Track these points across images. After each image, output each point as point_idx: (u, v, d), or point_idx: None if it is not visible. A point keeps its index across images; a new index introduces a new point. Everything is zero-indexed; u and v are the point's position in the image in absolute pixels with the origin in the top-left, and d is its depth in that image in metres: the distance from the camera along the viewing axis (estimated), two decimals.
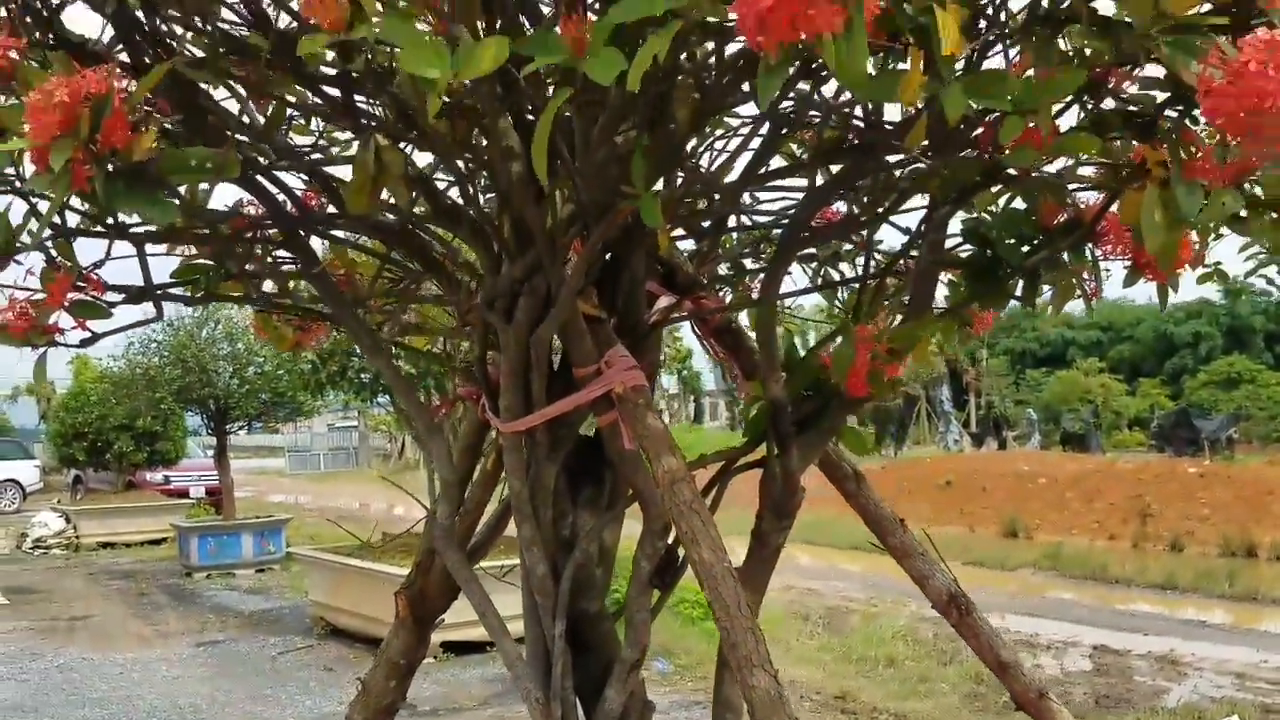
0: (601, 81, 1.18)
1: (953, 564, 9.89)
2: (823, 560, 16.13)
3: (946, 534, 16.82)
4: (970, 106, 1.20)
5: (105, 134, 1.22)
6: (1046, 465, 20.04)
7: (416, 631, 2.14)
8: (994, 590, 13.08)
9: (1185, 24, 1.19)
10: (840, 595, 12.97)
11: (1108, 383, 28.58)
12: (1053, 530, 16.41)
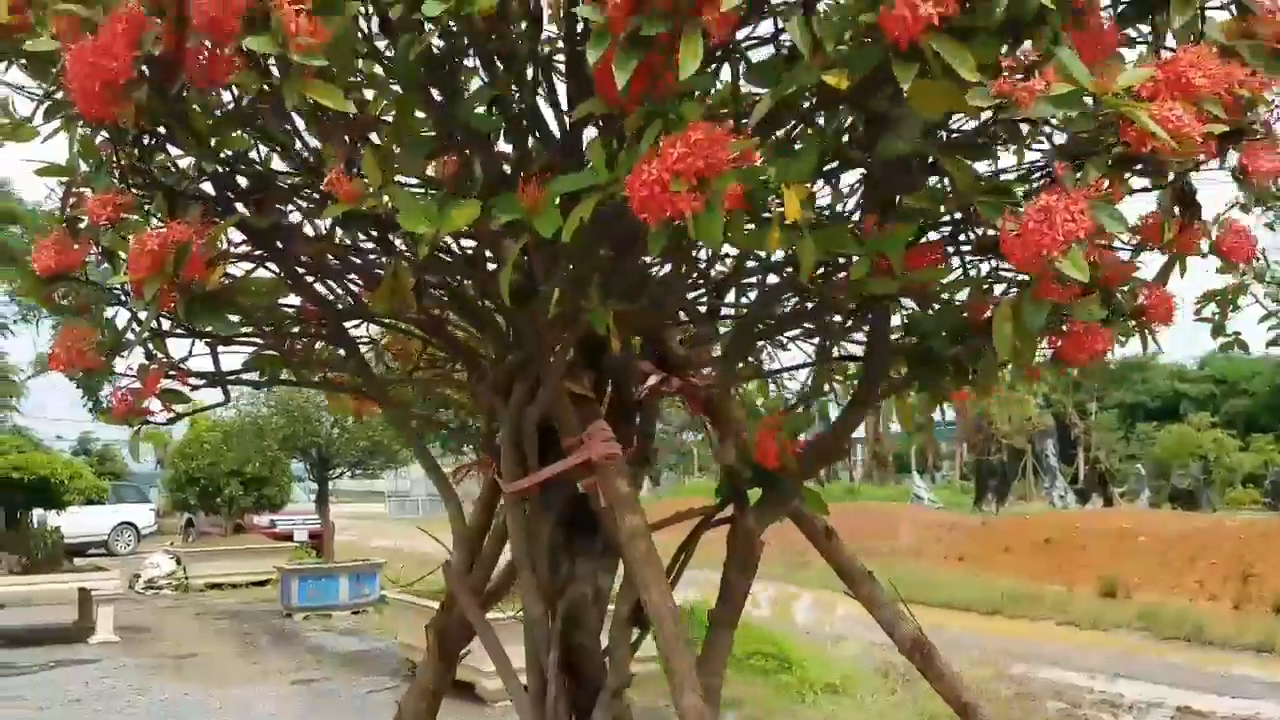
0: (544, 234, 1.59)
1: (1046, 623, 10.19)
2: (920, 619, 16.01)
3: (1043, 593, 16.62)
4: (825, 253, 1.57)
5: (186, 271, 1.68)
6: (1149, 523, 19.59)
7: (444, 662, 2.55)
8: (1086, 650, 12.94)
9: (995, 188, 1.55)
10: None
11: (1220, 438, 27.72)
12: (1152, 590, 16.06)
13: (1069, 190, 1.51)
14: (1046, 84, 1.40)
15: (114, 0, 1.54)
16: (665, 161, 1.39)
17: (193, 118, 1.67)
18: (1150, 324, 1.91)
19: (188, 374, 2.01)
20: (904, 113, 1.44)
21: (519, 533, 2.23)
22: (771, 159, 1.54)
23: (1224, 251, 1.94)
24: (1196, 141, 1.53)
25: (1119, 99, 1.49)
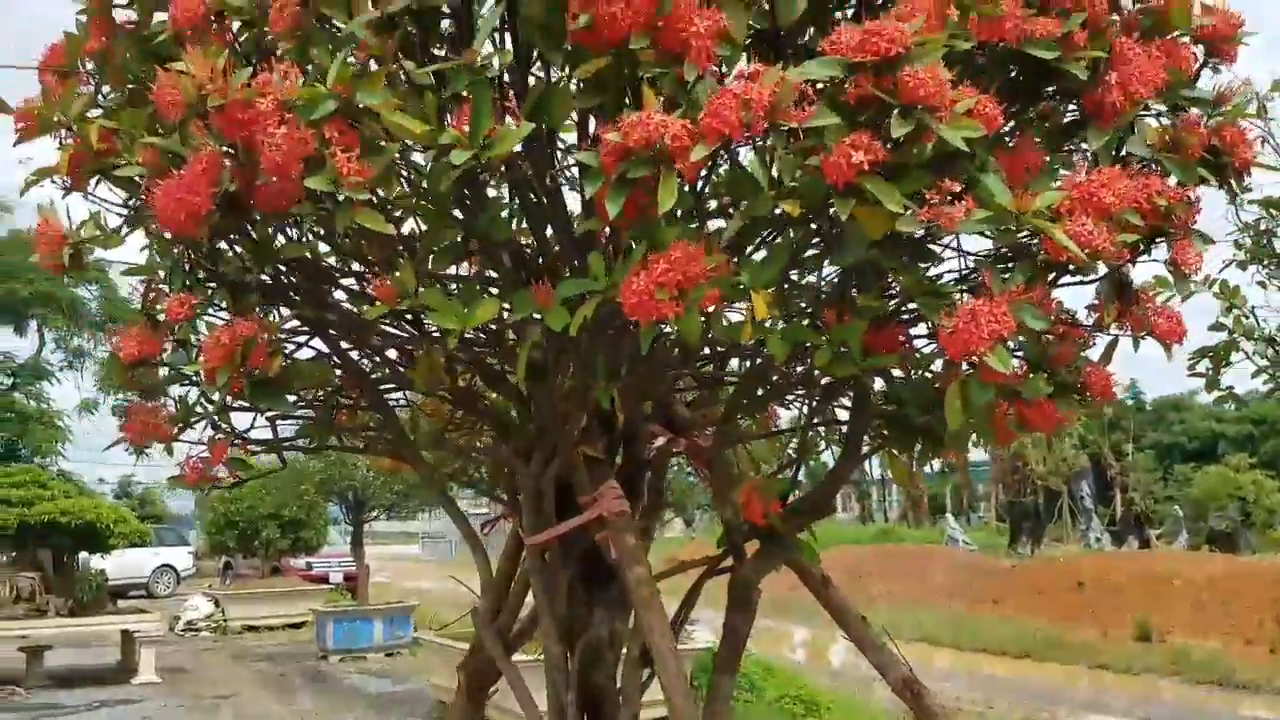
0: (554, 328, 1.89)
1: (1078, 667, 10.32)
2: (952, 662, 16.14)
3: (1076, 637, 16.60)
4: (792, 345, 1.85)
5: (251, 360, 1.99)
6: (1184, 565, 19.50)
7: (472, 702, 2.83)
8: (1117, 693, 12.97)
9: (934, 291, 1.83)
10: (954, 696, 13.00)
11: (1259, 479, 27.46)
12: (1186, 634, 16.01)
13: (995, 295, 1.79)
14: (967, 210, 1.68)
15: (193, 138, 1.87)
16: (651, 275, 1.68)
17: (257, 232, 1.99)
18: (1092, 398, 2.17)
19: (249, 443, 2.32)
20: (852, 229, 1.72)
21: (539, 581, 2.51)
22: (744, 264, 1.82)
23: (1158, 334, 2.19)
24: (1107, 251, 1.81)
25: (1037, 217, 1.77)
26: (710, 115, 1.59)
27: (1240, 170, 2.35)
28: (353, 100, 1.73)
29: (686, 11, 1.63)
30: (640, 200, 1.66)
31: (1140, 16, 2.12)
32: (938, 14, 1.74)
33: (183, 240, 1.99)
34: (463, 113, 1.75)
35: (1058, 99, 2.03)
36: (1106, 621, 17.63)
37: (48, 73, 2.23)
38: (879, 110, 1.63)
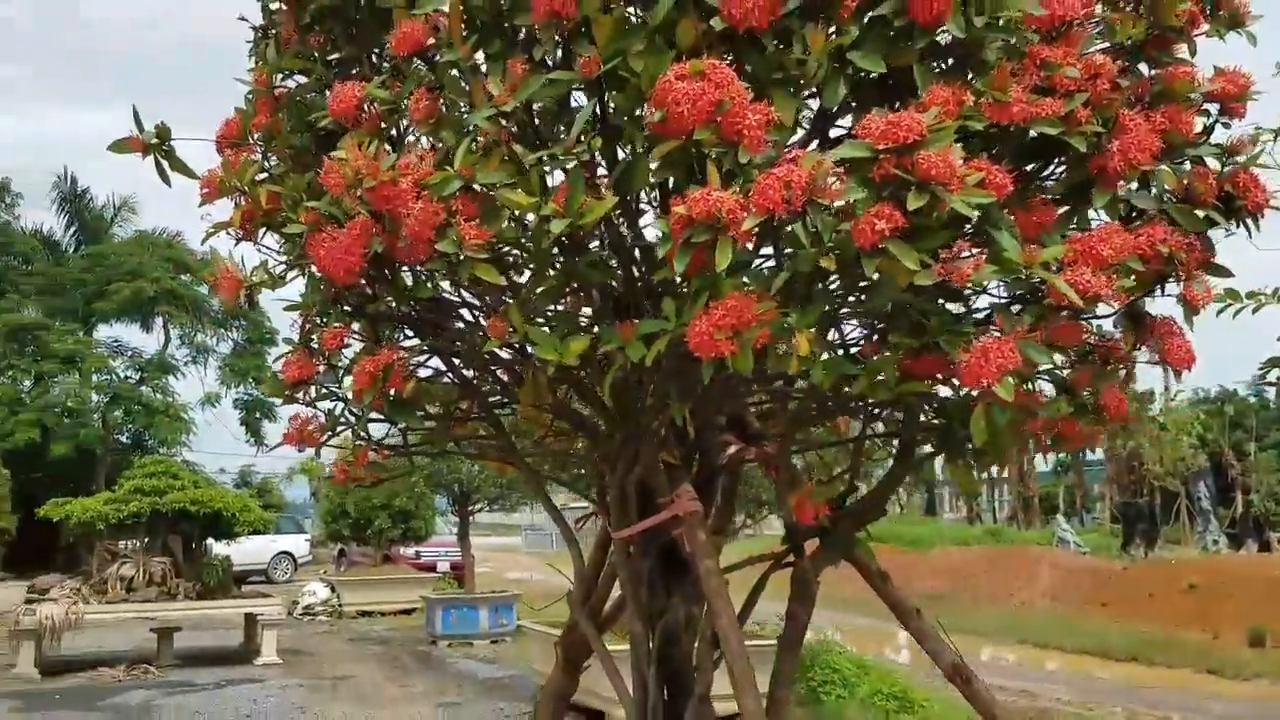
0: (634, 359, 2.31)
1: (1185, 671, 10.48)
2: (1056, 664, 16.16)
3: (1185, 640, 16.39)
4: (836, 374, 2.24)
5: (390, 382, 2.46)
6: None
7: (569, 671, 3.27)
8: (1223, 698, 12.85)
9: (954, 330, 2.19)
10: (1054, 698, 13.05)
11: None
12: None
13: (1005, 333, 2.15)
14: (976, 265, 2.05)
15: (347, 205, 2.34)
16: (711, 319, 2.09)
17: (397, 280, 2.46)
18: (1108, 418, 2.50)
19: (385, 449, 2.81)
20: (881, 280, 2.10)
21: (625, 571, 2.95)
22: (792, 308, 2.21)
23: (1169, 360, 2.51)
24: (1105, 295, 2.15)
25: (1042, 269, 2.12)
26: (758, 193, 1.99)
27: (1254, 211, 2.65)
28: (473, 179, 2.18)
29: (740, 108, 2.02)
30: (702, 258, 2.07)
31: (1153, 83, 2.44)
32: (955, 101, 2.10)
33: (338, 286, 2.47)
34: (562, 188, 2.18)
35: (1066, 164, 2.36)
36: (1218, 626, 17.33)
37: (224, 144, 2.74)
38: (900, 185, 2.00)
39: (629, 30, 2.19)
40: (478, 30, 2.33)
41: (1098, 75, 2.17)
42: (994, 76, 2.12)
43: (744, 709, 2.50)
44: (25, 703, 11.01)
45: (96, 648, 14.37)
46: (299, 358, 2.64)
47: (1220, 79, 2.56)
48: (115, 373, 30.66)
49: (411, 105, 2.34)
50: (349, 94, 2.41)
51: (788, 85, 2.20)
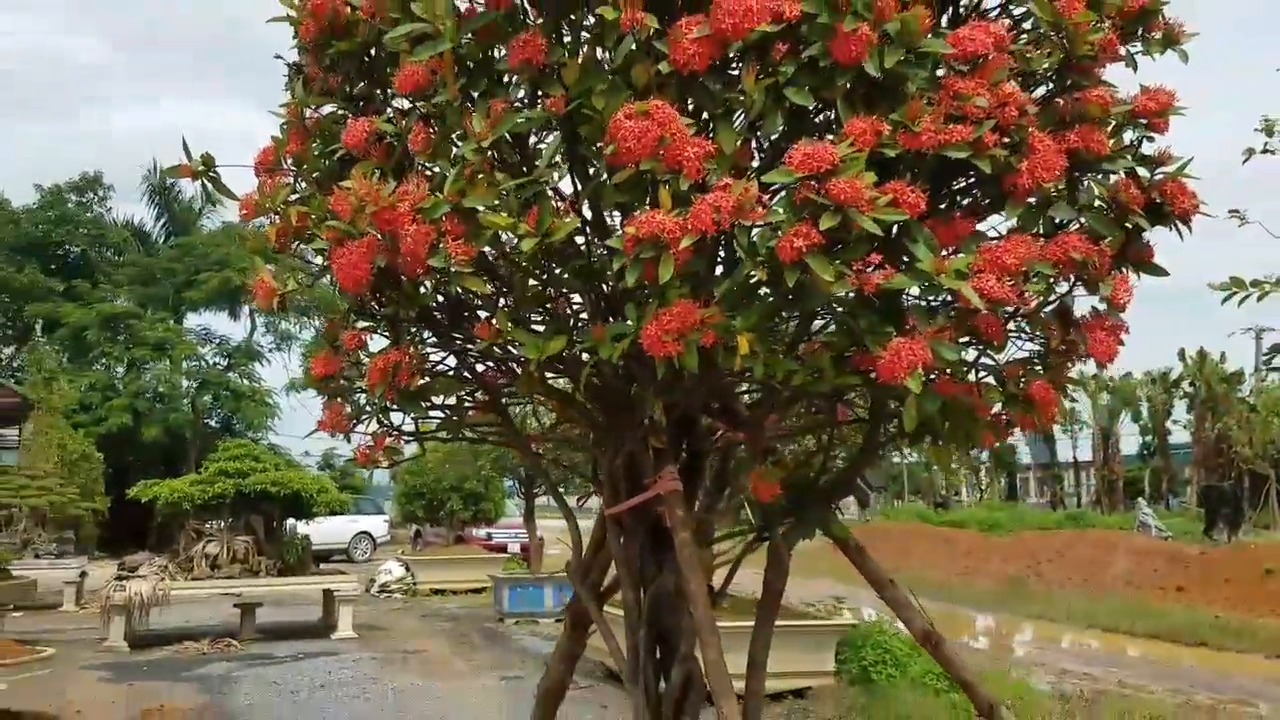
0: (604, 356, 2.67)
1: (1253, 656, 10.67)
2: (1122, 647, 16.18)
3: (1256, 625, 16.26)
4: None
5: (399, 378, 2.86)
6: None
7: (574, 637, 3.66)
8: None
9: (875, 329, 2.51)
10: (1116, 680, 13.11)
11: None
12: None
13: (918, 334, 2.46)
14: (886, 276, 2.36)
15: (362, 225, 2.73)
16: (660, 324, 2.44)
17: (404, 287, 2.85)
18: (1035, 407, 2.79)
19: (402, 434, 3.22)
20: (807, 287, 2.42)
21: (616, 544, 3.32)
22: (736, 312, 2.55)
23: (1092, 354, 2.79)
24: (1008, 299, 2.45)
25: (951, 277, 2.42)
26: (693, 216, 2.33)
27: (1182, 216, 2.91)
28: (461, 203, 2.56)
29: (680, 143, 2.37)
30: (651, 271, 2.42)
31: (1073, 106, 2.72)
32: (873, 131, 2.42)
33: (352, 295, 2.88)
34: (533, 211, 2.55)
35: (983, 183, 2.65)
36: None
37: (261, 170, 3.17)
38: (817, 208, 2.33)
39: (592, 73, 2.55)
40: (467, 73, 2.70)
41: (1006, 103, 2.46)
42: (908, 108, 2.43)
43: (708, 661, 2.86)
44: (115, 673, 11.82)
45: (183, 622, 15.23)
46: (326, 356, 3.06)
47: (1144, 97, 2.82)
48: (204, 359, 31.99)
49: (411, 138, 2.73)
50: (360, 128, 2.81)
51: (730, 118, 2.53)
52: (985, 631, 18.71)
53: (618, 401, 3.14)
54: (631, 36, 2.47)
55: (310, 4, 2.97)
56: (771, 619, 3.46)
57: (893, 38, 2.42)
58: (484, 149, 2.57)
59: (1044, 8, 2.63)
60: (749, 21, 2.37)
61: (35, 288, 29.93)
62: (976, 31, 2.49)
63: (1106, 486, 42.95)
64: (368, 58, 3.02)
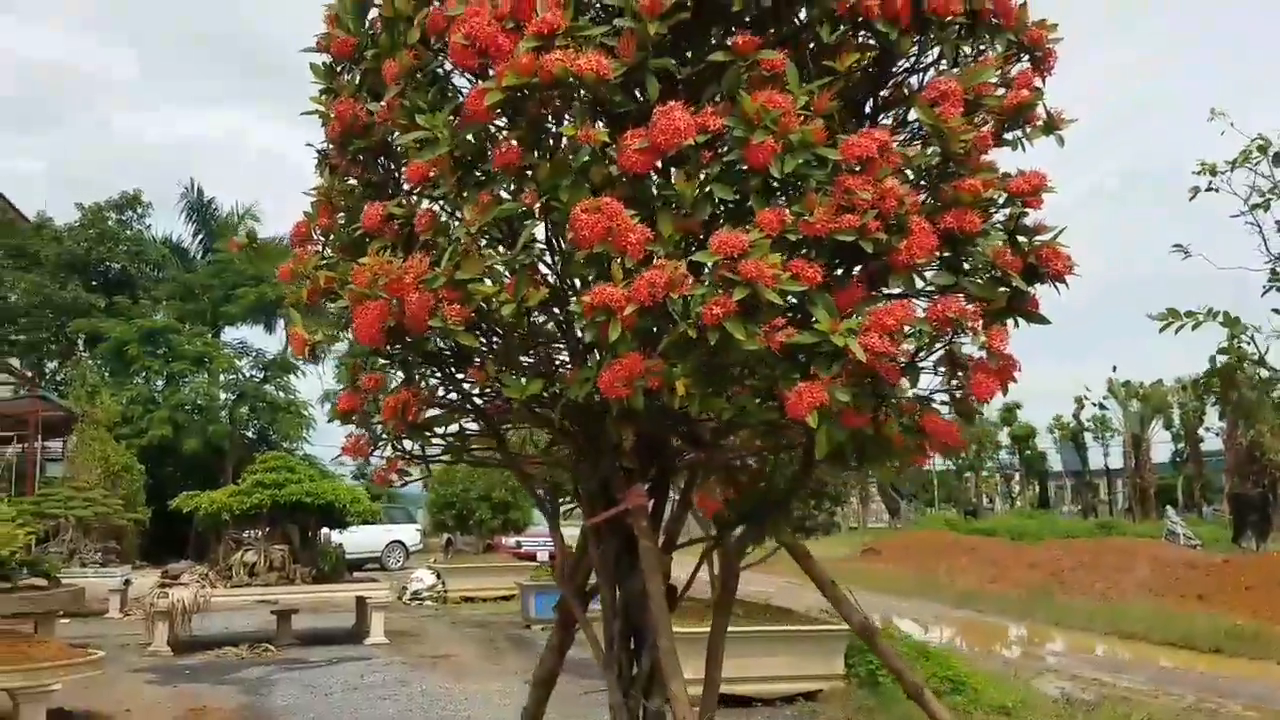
0: (573, 396, 3.34)
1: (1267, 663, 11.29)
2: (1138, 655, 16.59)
3: (1274, 633, 16.61)
4: None
5: (408, 413, 3.54)
6: None
7: (565, 629, 4.32)
8: None
9: (786, 375, 3.15)
10: (1125, 686, 13.57)
11: None
12: None
13: (820, 379, 3.10)
14: (788, 335, 3.01)
15: (375, 292, 3.40)
16: (613, 372, 3.10)
17: (412, 339, 3.53)
18: (931, 437, 3.41)
19: (411, 458, 3.90)
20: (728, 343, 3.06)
21: (594, 550, 3.98)
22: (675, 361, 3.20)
23: (975, 392, 3.41)
24: (890, 353, 3.08)
25: (843, 335, 3.06)
26: (634, 289, 2.99)
27: (1057, 277, 3.53)
28: (454, 275, 3.24)
29: (624, 231, 3.02)
30: (605, 330, 3.07)
31: (952, 192, 3.35)
32: (778, 220, 3.06)
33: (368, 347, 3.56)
34: (511, 282, 3.22)
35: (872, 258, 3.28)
36: None
37: (296, 241, 3.87)
38: (730, 283, 2.98)
39: (559, 173, 3.21)
40: (461, 169, 3.37)
41: (886, 196, 3.09)
42: (806, 201, 3.08)
43: (662, 649, 3.52)
44: (160, 676, 12.62)
45: (223, 628, 16.06)
46: (348, 393, 3.74)
47: (1020, 180, 3.44)
48: (241, 372, 32.99)
49: (417, 220, 3.41)
50: (375, 211, 3.50)
51: (669, 208, 3.19)
52: (1003, 638, 19.17)
53: (593, 429, 3.80)
54: (588, 147, 3.13)
55: (335, 108, 3.67)
56: (726, 615, 4.10)
57: (795, 146, 3.07)
58: (473, 232, 3.24)
59: (926, 113, 3.27)
60: (679, 137, 3.03)
61: (78, 304, 31.07)
62: (864, 139, 3.13)
63: (1138, 494, 43.05)
64: (382, 153, 3.72)
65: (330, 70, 3.87)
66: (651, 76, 3.17)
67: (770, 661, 11.14)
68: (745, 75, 3.18)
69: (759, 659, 10.91)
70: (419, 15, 3.40)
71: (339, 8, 3.74)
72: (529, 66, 3.02)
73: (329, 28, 3.78)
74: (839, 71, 3.23)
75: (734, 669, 10.59)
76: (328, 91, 3.87)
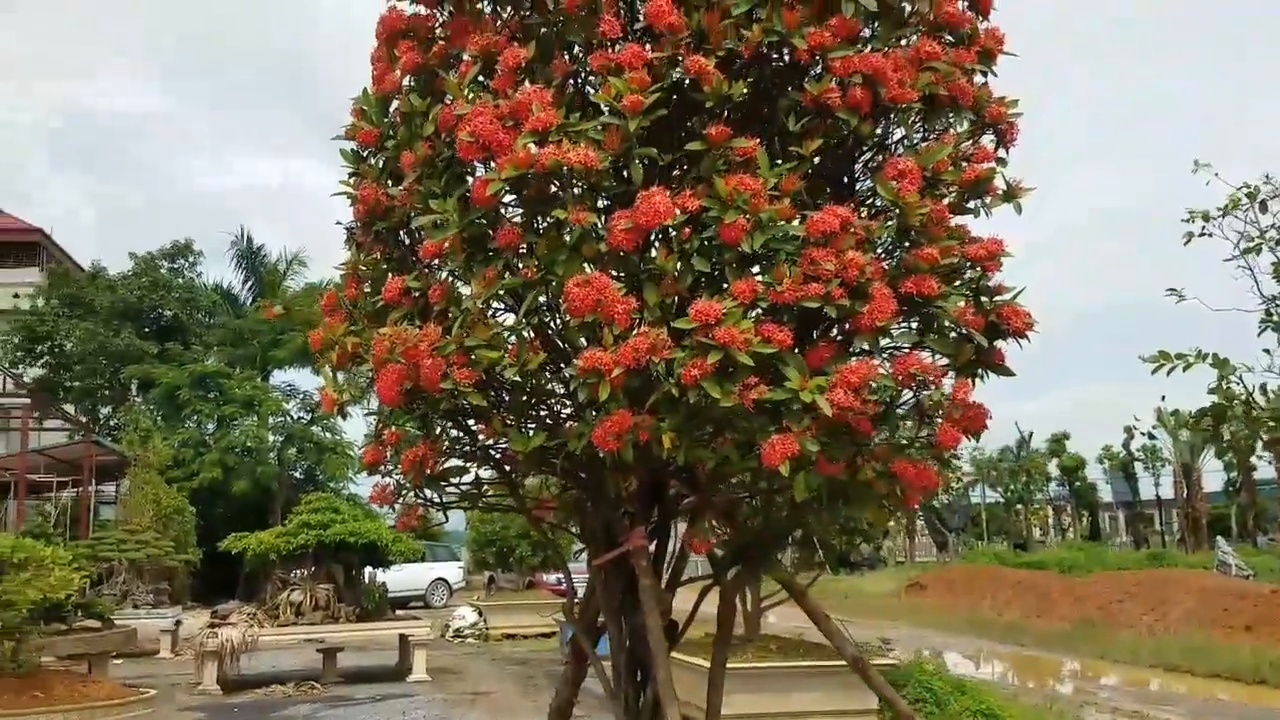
0: (571, 449, 3.71)
1: None
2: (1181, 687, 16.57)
3: None
4: None
5: (425, 465, 3.93)
6: None
7: (578, 662, 4.67)
8: None
9: (764, 429, 3.51)
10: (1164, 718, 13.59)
11: None
12: None
13: (792, 432, 3.44)
14: (760, 393, 3.36)
15: (394, 358, 3.81)
16: (604, 427, 3.47)
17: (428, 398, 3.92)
18: (900, 482, 3.73)
19: (432, 505, 4.29)
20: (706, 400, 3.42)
21: (601, 587, 4.33)
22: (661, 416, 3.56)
23: (940, 442, 3.74)
24: (855, 408, 3.42)
25: (811, 392, 3.41)
26: (621, 354, 3.36)
27: (1018, 333, 3.86)
28: (464, 342, 3.63)
29: (611, 302, 3.40)
30: (596, 390, 3.45)
31: (912, 260, 3.69)
32: (751, 290, 3.43)
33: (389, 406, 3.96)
34: (514, 347, 3.61)
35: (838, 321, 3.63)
36: None
37: (327, 310, 4.30)
38: (706, 348, 3.34)
39: (555, 250, 3.61)
40: (470, 246, 3.78)
41: (848, 266, 3.45)
42: (775, 272, 3.45)
43: (659, 680, 3.86)
44: (210, 714, 13.08)
45: (270, 667, 16.52)
46: (373, 448, 4.15)
47: (978, 246, 3.79)
48: (289, 414, 33.70)
49: (431, 292, 3.82)
50: (395, 285, 3.92)
51: (654, 280, 3.57)
52: (1045, 671, 19.17)
53: (595, 477, 4.17)
54: (580, 227, 3.52)
55: (361, 192, 4.11)
56: (726, 646, 4.44)
57: (764, 223, 3.45)
58: (480, 304, 3.64)
59: (887, 190, 3.63)
60: (659, 218, 3.41)
61: (131, 350, 32.00)
62: (828, 214, 3.50)
63: (1190, 525, 42.52)
64: (401, 230, 4.14)
65: (357, 156, 4.31)
66: (636, 163, 3.57)
67: (806, 697, 11.35)
68: (720, 160, 3.56)
69: (796, 694, 11.15)
70: (432, 111, 3.82)
71: (364, 102, 4.18)
72: (526, 160, 3.43)
73: (355, 119, 4.22)
74: (804, 156, 3.61)
75: (771, 704, 10.84)
76: (355, 174, 4.31)
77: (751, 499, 4.45)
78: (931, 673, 12.64)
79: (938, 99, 3.80)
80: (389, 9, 4.16)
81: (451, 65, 4.01)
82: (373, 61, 4.21)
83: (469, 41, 3.82)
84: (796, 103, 3.65)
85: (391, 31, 4.09)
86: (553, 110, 3.49)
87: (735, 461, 3.66)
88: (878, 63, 3.57)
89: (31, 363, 33.60)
